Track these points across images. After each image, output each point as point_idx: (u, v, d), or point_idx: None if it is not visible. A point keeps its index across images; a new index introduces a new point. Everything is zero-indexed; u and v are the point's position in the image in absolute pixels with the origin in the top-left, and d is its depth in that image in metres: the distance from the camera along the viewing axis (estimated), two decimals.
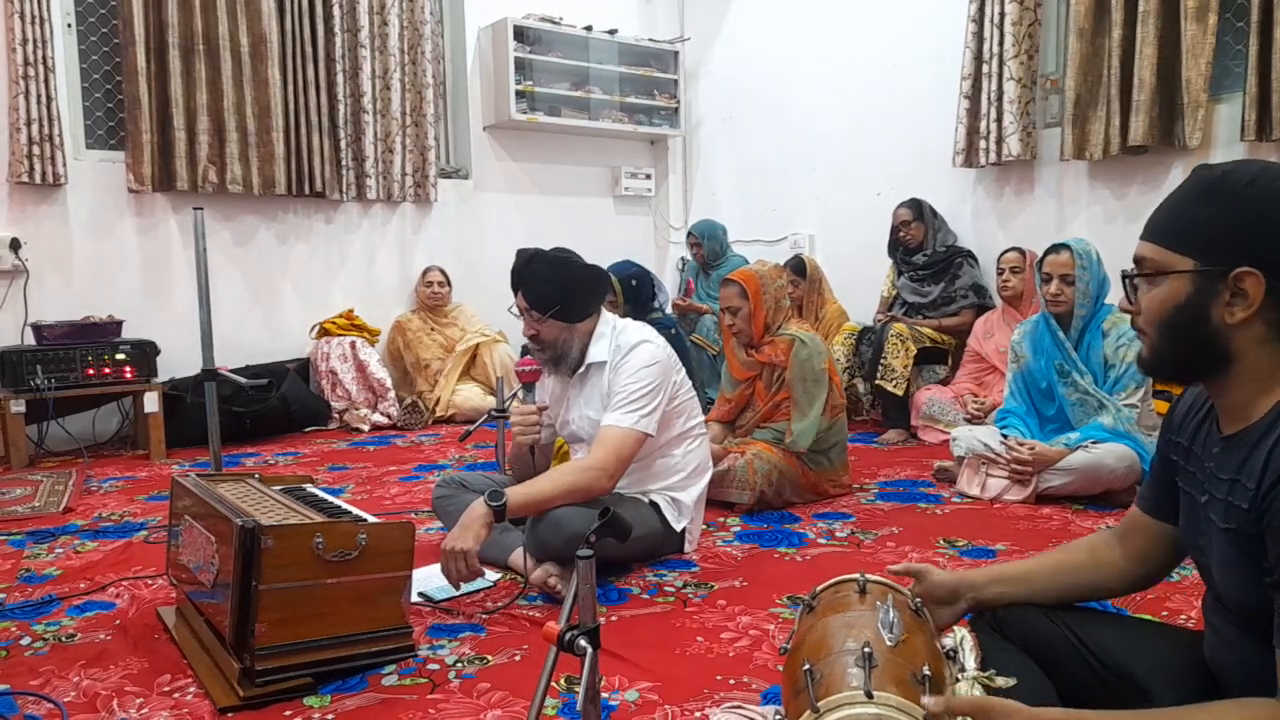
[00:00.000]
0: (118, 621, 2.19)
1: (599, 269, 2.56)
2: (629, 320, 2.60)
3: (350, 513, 2.01)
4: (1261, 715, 1.02)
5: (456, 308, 5.46)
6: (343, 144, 5.18)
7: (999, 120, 4.54)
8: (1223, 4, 3.87)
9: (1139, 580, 1.41)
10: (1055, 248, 3.19)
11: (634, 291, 3.97)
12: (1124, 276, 1.20)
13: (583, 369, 2.52)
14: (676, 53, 6.37)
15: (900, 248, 4.84)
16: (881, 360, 4.37)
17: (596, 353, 2.49)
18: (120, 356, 4.23)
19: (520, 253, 2.48)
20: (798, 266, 4.93)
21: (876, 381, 4.38)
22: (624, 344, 2.47)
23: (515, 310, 2.51)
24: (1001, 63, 4.51)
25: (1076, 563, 1.44)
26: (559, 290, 2.41)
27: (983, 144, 4.62)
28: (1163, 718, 1.11)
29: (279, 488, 2.23)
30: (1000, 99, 4.53)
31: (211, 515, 1.91)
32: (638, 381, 2.39)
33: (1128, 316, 3.64)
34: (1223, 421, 1.18)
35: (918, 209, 4.77)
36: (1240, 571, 1.10)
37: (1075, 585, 1.42)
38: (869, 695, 1.07)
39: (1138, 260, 1.17)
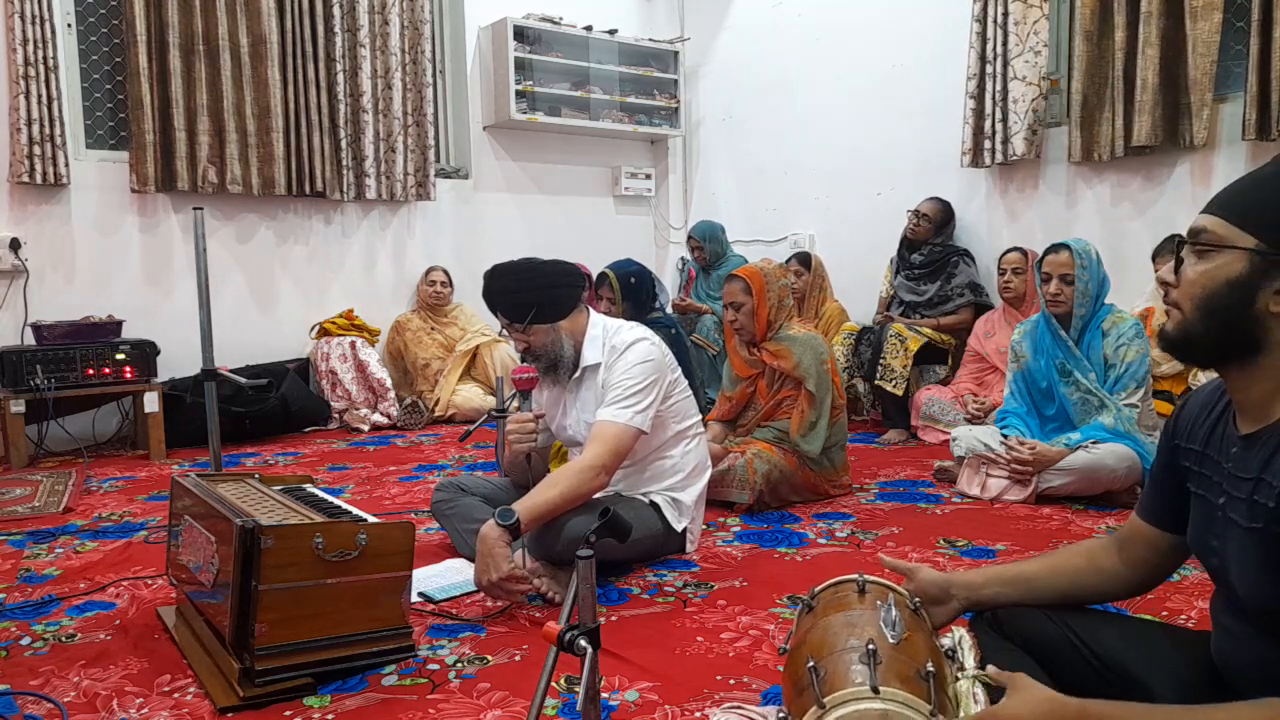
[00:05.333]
0: (118, 621, 2.19)
1: (566, 263, 2.56)
2: (621, 321, 2.60)
3: (350, 513, 2.01)
4: (1277, 715, 1.02)
5: (456, 308, 5.47)
6: (343, 144, 5.18)
7: (1005, 120, 4.55)
8: (1225, 3, 3.87)
9: (1137, 586, 1.41)
10: (1055, 247, 3.19)
11: (633, 289, 3.96)
12: (1179, 244, 1.17)
13: (577, 373, 2.52)
14: (676, 53, 6.37)
15: (903, 241, 4.85)
16: (880, 360, 4.37)
17: (590, 355, 2.49)
18: (120, 356, 4.23)
19: (484, 274, 2.49)
20: (804, 258, 4.97)
21: (876, 382, 4.38)
22: (618, 343, 2.47)
23: (505, 332, 2.53)
24: (1005, 63, 4.52)
25: (1075, 567, 1.43)
26: (529, 294, 2.42)
27: (987, 144, 4.63)
28: (1179, 713, 1.10)
29: (279, 488, 2.23)
30: (1005, 99, 4.53)
31: (211, 515, 1.91)
32: (632, 377, 2.39)
33: (1128, 316, 3.63)
34: (1240, 420, 1.17)
35: (942, 214, 4.76)
36: (1262, 570, 1.09)
37: (1073, 589, 1.42)
38: (875, 691, 1.07)
39: (1195, 231, 1.14)
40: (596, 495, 2.37)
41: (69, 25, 4.61)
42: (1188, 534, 1.28)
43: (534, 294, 2.42)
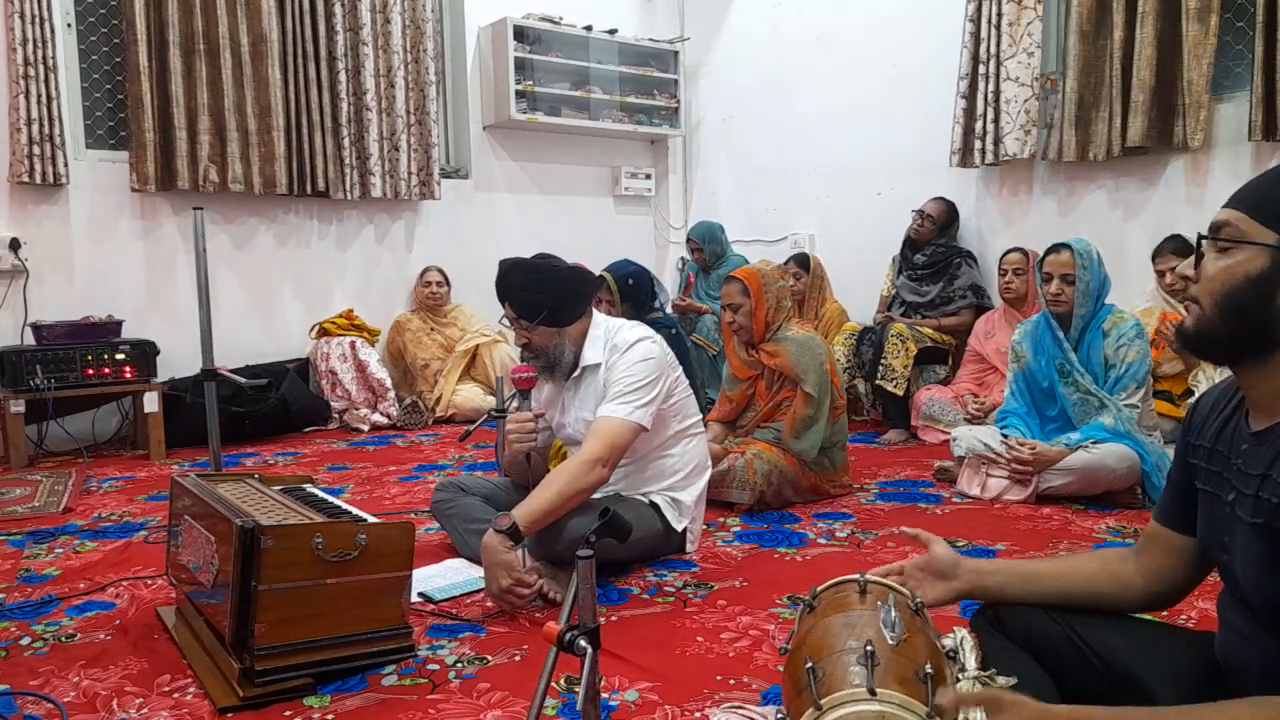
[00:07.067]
0: (117, 621, 2.19)
1: (582, 270, 2.55)
2: (623, 321, 2.60)
3: (350, 513, 2.01)
4: (1277, 714, 1.01)
5: (456, 308, 5.47)
6: (345, 143, 5.17)
7: (996, 121, 4.54)
8: (1224, 4, 3.87)
9: (1153, 599, 1.36)
10: (1056, 247, 3.19)
11: (631, 290, 3.95)
12: (1200, 238, 1.15)
13: (577, 372, 2.52)
14: (676, 53, 6.37)
15: (907, 241, 4.85)
16: (882, 360, 4.37)
17: (590, 355, 2.49)
18: (120, 356, 4.23)
19: (501, 263, 2.47)
20: (802, 260, 4.96)
21: (877, 382, 4.38)
22: (620, 343, 2.47)
23: (506, 321, 2.52)
24: (999, 63, 4.51)
25: (1087, 571, 1.40)
26: (543, 296, 2.41)
27: (978, 144, 4.62)
28: (1175, 715, 1.10)
29: (279, 488, 2.23)
30: (998, 99, 4.53)
31: (211, 515, 1.91)
32: (633, 375, 2.39)
33: (1128, 316, 3.62)
34: (1253, 417, 1.16)
35: (946, 215, 4.75)
36: (1266, 567, 1.09)
37: (1081, 593, 1.38)
38: (872, 693, 1.07)
39: (1217, 225, 1.12)
40: (596, 495, 2.37)
41: (69, 25, 4.60)
42: (1197, 532, 1.27)
43: (549, 297, 2.42)
